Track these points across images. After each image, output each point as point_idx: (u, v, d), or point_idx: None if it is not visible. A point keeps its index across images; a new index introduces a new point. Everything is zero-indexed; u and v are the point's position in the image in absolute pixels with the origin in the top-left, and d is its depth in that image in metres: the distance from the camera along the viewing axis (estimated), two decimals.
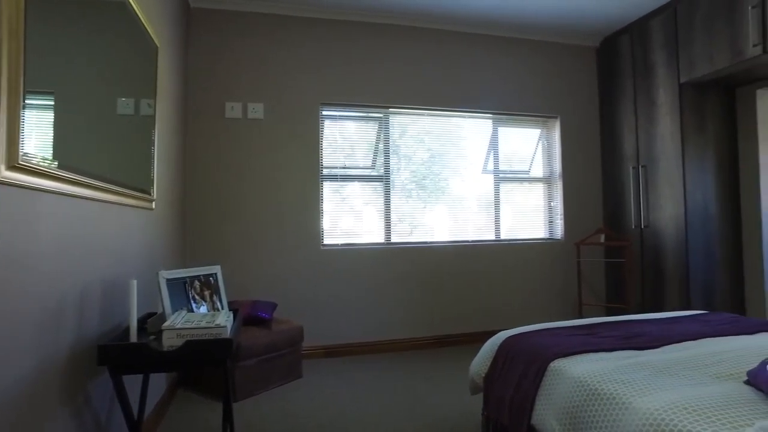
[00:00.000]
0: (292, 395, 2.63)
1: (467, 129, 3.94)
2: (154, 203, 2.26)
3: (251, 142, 3.39)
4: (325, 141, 3.60)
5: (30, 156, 1.09)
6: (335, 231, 3.59)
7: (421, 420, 2.26)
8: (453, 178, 3.88)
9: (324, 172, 3.57)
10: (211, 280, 1.95)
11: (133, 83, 1.91)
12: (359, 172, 3.68)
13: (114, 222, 1.72)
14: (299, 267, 3.43)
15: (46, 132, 1.20)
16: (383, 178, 3.70)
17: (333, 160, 3.61)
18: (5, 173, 1.00)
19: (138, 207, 2.01)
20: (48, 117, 1.22)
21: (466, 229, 3.89)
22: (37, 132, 1.15)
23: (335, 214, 3.60)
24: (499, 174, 4.00)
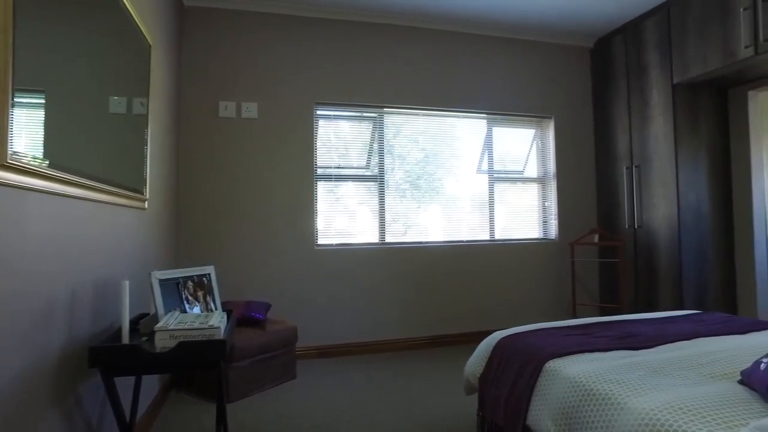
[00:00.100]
0: (286, 396, 2.61)
1: (461, 129, 3.94)
2: (146, 203, 2.24)
3: (245, 141, 3.37)
4: (320, 141, 3.59)
5: (20, 155, 1.07)
6: (329, 231, 3.58)
7: (416, 420, 2.26)
8: (447, 178, 3.88)
9: (318, 171, 3.56)
10: (205, 280, 1.94)
11: (126, 82, 1.89)
12: (353, 171, 3.67)
13: (106, 222, 1.70)
14: (293, 267, 3.41)
15: (36, 131, 1.18)
16: (377, 177, 3.70)
17: (327, 159, 3.60)
18: None
19: (130, 207, 1.99)
20: (39, 116, 1.20)
21: (460, 229, 3.89)
22: (28, 131, 1.13)
23: (329, 213, 3.59)
24: (494, 174, 4.01)
